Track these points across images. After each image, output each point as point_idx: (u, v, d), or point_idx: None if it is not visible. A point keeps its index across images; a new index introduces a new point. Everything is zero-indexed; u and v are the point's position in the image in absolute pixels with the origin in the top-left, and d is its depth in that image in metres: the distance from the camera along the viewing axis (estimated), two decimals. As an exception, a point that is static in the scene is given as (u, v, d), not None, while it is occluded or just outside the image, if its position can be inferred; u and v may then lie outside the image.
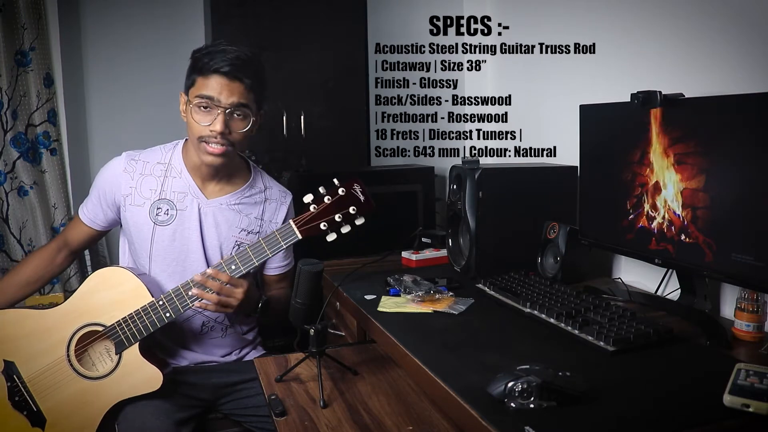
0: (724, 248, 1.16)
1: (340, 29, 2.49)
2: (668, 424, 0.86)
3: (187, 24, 2.63)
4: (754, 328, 1.17)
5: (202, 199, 1.51)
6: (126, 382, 1.37)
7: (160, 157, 1.53)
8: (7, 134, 2.32)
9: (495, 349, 1.14)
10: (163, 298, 1.36)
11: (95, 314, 1.37)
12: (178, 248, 1.50)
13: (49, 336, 1.38)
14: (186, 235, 1.50)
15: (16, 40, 2.31)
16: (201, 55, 1.38)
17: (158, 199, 1.49)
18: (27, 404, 1.38)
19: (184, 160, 1.52)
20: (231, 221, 1.52)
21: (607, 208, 1.48)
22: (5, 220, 2.36)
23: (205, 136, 1.39)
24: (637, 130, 1.35)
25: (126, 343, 1.36)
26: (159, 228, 1.49)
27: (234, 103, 1.37)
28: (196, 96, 1.38)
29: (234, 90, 1.37)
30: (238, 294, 1.37)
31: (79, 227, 1.58)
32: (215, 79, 1.36)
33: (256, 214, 1.55)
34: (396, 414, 1.13)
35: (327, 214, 1.33)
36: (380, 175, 2.28)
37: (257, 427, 1.52)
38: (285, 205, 1.60)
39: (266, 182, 1.60)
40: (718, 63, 1.37)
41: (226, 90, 1.36)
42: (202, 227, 1.50)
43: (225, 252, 1.52)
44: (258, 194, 1.57)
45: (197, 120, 1.39)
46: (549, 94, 1.99)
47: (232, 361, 1.61)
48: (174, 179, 1.50)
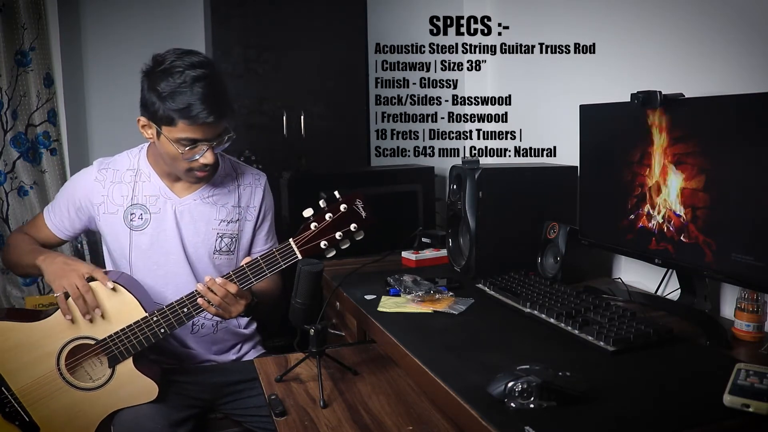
0: (724, 248, 1.16)
1: (340, 29, 2.49)
2: (668, 424, 0.86)
3: (187, 24, 2.64)
4: (754, 328, 1.17)
5: (174, 199, 1.51)
6: (121, 393, 1.36)
7: (129, 163, 1.53)
8: (7, 134, 2.32)
9: (495, 349, 1.14)
10: (157, 313, 1.34)
11: (83, 328, 1.35)
12: (157, 252, 1.50)
13: (39, 348, 1.35)
14: (163, 237, 1.50)
15: (16, 40, 2.31)
16: (171, 94, 1.32)
17: (131, 204, 1.50)
18: (19, 415, 1.36)
19: (152, 164, 1.52)
20: (208, 215, 1.53)
21: (607, 208, 1.48)
22: (5, 220, 2.36)
23: (194, 167, 1.41)
24: (637, 130, 1.35)
25: (120, 357, 1.34)
26: (135, 234, 1.50)
27: (218, 136, 1.39)
28: (180, 138, 1.36)
29: (218, 126, 1.38)
30: (239, 307, 1.36)
31: (43, 231, 1.56)
32: (201, 126, 1.35)
33: (233, 203, 1.56)
34: (396, 414, 1.13)
35: (328, 233, 1.30)
36: (380, 175, 2.28)
37: (257, 427, 1.52)
38: (260, 187, 1.60)
39: (236, 168, 1.60)
40: (718, 63, 1.37)
41: (211, 131, 1.37)
42: (180, 227, 1.51)
43: (208, 247, 1.52)
44: (230, 182, 1.57)
45: (184, 156, 1.38)
46: (549, 94, 1.99)
47: (232, 360, 1.61)
48: (144, 183, 1.51)
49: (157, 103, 1.34)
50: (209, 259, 1.54)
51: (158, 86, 1.34)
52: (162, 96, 1.33)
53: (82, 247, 2.41)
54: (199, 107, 1.32)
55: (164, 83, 1.34)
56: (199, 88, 1.32)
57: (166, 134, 1.37)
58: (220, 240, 1.54)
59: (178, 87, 1.33)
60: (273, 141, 2.41)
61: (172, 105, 1.33)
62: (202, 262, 1.53)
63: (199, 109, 1.32)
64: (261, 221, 1.61)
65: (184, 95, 1.32)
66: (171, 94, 1.33)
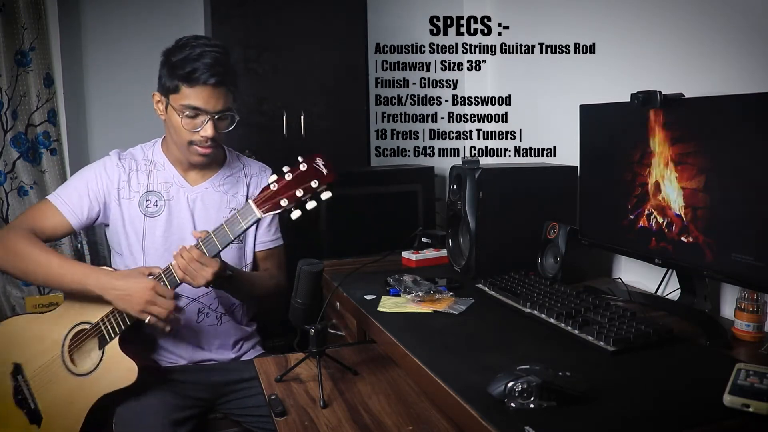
0: (724, 248, 1.16)
1: (340, 29, 2.48)
2: (668, 424, 0.86)
3: (187, 24, 2.63)
4: (754, 328, 1.17)
5: (187, 187, 1.56)
6: (107, 378, 1.39)
7: (143, 154, 1.59)
8: (7, 134, 2.32)
9: (495, 349, 1.14)
10: None
11: (85, 313, 1.41)
12: (170, 238, 1.53)
13: (48, 336, 1.43)
14: (177, 224, 1.54)
15: (16, 40, 2.31)
16: (180, 61, 1.40)
17: (146, 191, 1.54)
18: (26, 402, 1.42)
19: (166, 154, 1.58)
20: (220, 203, 1.58)
21: (607, 208, 1.48)
22: (5, 220, 2.36)
23: (195, 140, 1.45)
24: (637, 130, 1.35)
25: (107, 337, 1.38)
26: (150, 220, 1.53)
27: (220, 110, 1.43)
28: (183, 105, 1.41)
29: (220, 97, 1.42)
30: (206, 273, 1.33)
31: (53, 219, 1.49)
32: (202, 90, 1.40)
33: (243, 192, 1.61)
34: (396, 414, 1.13)
35: (287, 190, 1.29)
36: (380, 175, 2.28)
37: (257, 427, 1.52)
38: (266, 178, 1.63)
39: (243, 161, 1.67)
40: (718, 63, 1.37)
41: (213, 99, 1.42)
42: (193, 214, 1.55)
43: None
44: (238, 172, 1.63)
45: (185, 126, 1.43)
46: (549, 94, 1.99)
47: (231, 359, 1.61)
48: (158, 172, 1.56)
49: (167, 74, 1.43)
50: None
51: (172, 57, 1.42)
52: (172, 64, 1.41)
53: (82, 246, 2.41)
54: (201, 70, 1.39)
55: (177, 54, 1.42)
56: (207, 59, 1.39)
57: (172, 103, 1.43)
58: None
59: (188, 56, 1.40)
60: (273, 141, 2.40)
61: (179, 72, 1.40)
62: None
63: (200, 72, 1.39)
64: None
65: (191, 63, 1.39)
66: (180, 61, 1.40)
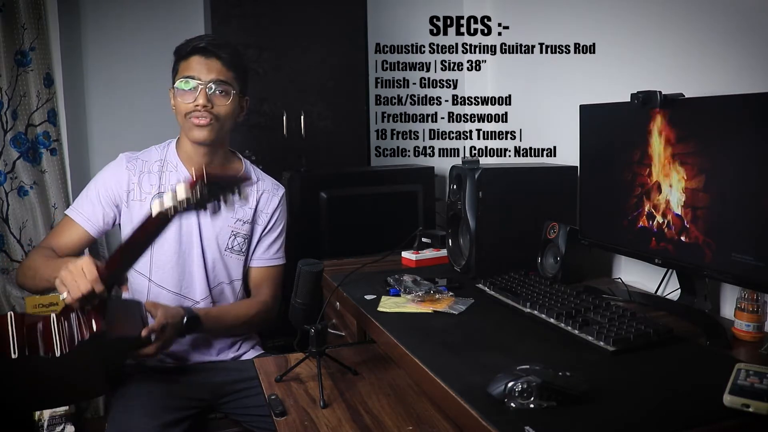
0: (724, 248, 1.16)
1: (340, 29, 2.48)
2: (668, 424, 0.86)
3: (187, 24, 2.62)
4: (754, 328, 1.17)
5: None
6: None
7: (157, 155, 1.59)
8: (7, 134, 2.32)
9: (495, 349, 1.14)
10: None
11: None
12: (177, 240, 1.54)
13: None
14: (185, 228, 1.54)
15: (16, 40, 2.30)
16: (181, 46, 1.50)
17: (158, 193, 1.53)
18: None
19: (179, 154, 1.58)
20: (226, 211, 1.54)
21: (607, 208, 1.48)
22: (5, 220, 2.35)
23: (190, 111, 1.47)
24: (637, 130, 1.35)
25: None
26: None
27: (213, 79, 1.46)
28: (179, 78, 1.47)
29: (212, 67, 1.47)
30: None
31: (72, 232, 1.52)
32: (194, 59, 1.47)
33: (250, 204, 1.61)
34: (396, 414, 1.13)
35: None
36: (380, 175, 2.28)
37: (257, 427, 1.52)
38: (277, 197, 1.65)
39: (258, 174, 1.67)
40: (718, 63, 1.37)
41: (204, 67, 1.46)
42: (200, 218, 1.55)
43: (221, 243, 1.57)
44: (250, 185, 1.62)
45: (180, 98, 1.48)
46: (549, 94, 1.99)
47: (230, 359, 1.61)
48: (171, 173, 1.56)
49: (173, 63, 1.50)
50: (220, 254, 1.57)
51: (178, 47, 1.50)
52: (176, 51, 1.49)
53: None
54: (195, 42, 1.47)
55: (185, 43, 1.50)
56: (207, 36, 1.48)
57: (174, 86, 1.48)
58: (233, 238, 1.58)
59: (188, 40, 1.49)
60: (273, 141, 2.40)
61: (178, 53, 1.48)
62: (214, 256, 1.57)
63: (193, 43, 1.47)
64: (269, 230, 1.64)
65: (190, 40, 1.48)
66: (182, 45, 1.48)
